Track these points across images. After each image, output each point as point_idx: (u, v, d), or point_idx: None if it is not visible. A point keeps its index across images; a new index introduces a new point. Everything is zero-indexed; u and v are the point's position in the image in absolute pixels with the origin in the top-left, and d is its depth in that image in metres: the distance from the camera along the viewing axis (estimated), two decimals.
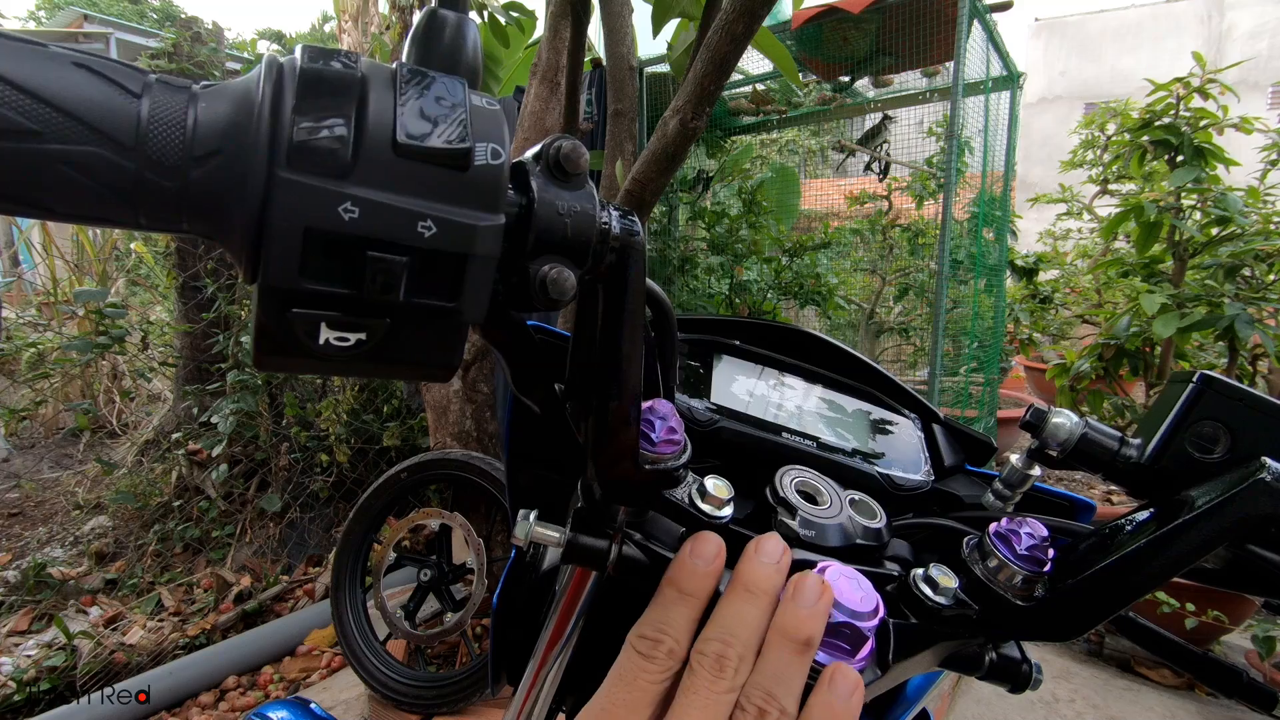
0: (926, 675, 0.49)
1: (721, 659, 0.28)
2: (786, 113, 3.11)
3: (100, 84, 0.20)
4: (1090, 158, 4.31)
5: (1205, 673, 0.44)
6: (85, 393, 3.64)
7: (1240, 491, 0.32)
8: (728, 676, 0.28)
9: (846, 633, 0.31)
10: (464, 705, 1.66)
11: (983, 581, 0.35)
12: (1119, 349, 2.66)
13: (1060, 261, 4.57)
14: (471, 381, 2.03)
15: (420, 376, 0.27)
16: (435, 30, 0.26)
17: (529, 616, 0.50)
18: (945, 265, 2.45)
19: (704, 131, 1.23)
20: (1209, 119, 2.57)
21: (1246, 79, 9.78)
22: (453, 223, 0.23)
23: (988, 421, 3.13)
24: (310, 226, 0.21)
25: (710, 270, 3.23)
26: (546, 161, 0.26)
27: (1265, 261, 2.45)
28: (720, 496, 0.35)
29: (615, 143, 1.75)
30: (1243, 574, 0.36)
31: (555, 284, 0.26)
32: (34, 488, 3.40)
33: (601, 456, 0.33)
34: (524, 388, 0.35)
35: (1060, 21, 12.88)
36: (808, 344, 0.54)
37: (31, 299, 4.84)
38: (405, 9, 2.57)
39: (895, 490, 0.47)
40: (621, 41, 1.74)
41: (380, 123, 0.22)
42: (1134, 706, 2.10)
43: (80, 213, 0.20)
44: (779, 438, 0.46)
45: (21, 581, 2.43)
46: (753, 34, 1.09)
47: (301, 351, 0.23)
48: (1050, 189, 4.39)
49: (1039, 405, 0.42)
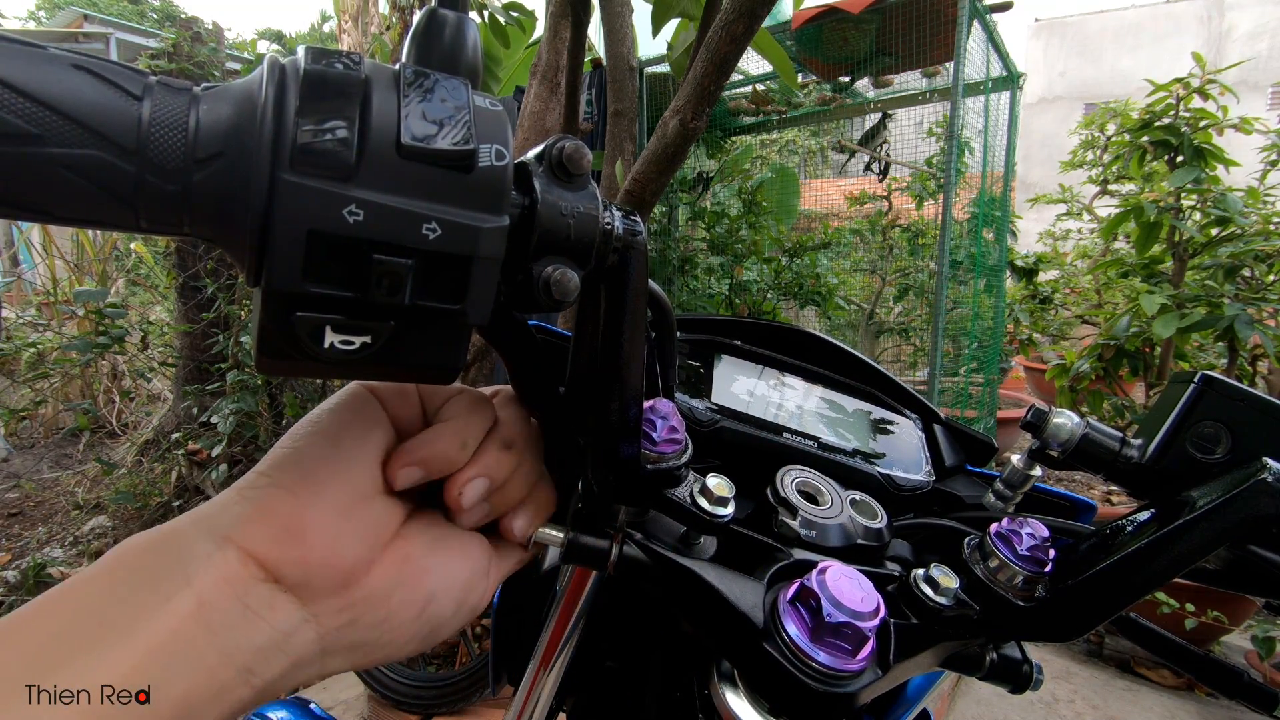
0: (927, 675, 0.49)
1: None
2: (786, 113, 3.11)
3: (100, 86, 0.20)
4: (1090, 158, 4.31)
5: (1205, 673, 0.44)
6: (85, 393, 3.64)
7: (1241, 492, 0.32)
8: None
9: (847, 633, 0.31)
10: (464, 705, 1.66)
11: (983, 582, 0.35)
12: (1119, 349, 2.66)
13: (1060, 262, 4.56)
14: (472, 381, 2.03)
15: (423, 378, 0.27)
16: (435, 30, 0.26)
17: (529, 616, 0.50)
18: (945, 265, 2.45)
19: (704, 131, 1.23)
20: (1209, 119, 2.57)
21: (1246, 79, 9.77)
22: (457, 224, 0.22)
23: (988, 422, 3.13)
24: (314, 229, 0.21)
25: (710, 270, 3.23)
26: (549, 162, 0.26)
27: (1265, 262, 2.45)
28: (722, 495, 0.35)
29: (615, 143, 1.75)
30: (1243, 574, 0.36)
31: (559, 285, 0.26)
32: (34, 488, 3.40)
33: (602, 456, 0.33)
34: (525, 388, 0.35)
35: (1060, 22, 12.88)
36: (808, 344, 0.54)
37: (31, 299, 4.84)
38: (405, 9, 2.57)
39: (896, 490, 0.47)
40: (621, 41, 1.74)
41: (384, 124, 0.22)
42: (1134, 707, 2.10)
43: (81, 216, 0.20)
44: (780, 438, 0.46)
45: (21, 581, 2.43)
46: (753, 34, 1.09)
47: (305, 355, 0.23)
48: (1050, 189, 4.39)
49: (1040, 406, 0.42)
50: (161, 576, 0.24)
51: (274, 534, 0.26)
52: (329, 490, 0.28)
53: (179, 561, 0.25)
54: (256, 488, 0.28)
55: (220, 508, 0.27)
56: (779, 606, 0.32)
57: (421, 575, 0.30)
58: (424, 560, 0.31)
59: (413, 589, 0.30)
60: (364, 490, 0.29)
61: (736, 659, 0.34)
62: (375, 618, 0.29)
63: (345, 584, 0.28)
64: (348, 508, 0.28)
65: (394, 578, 0.29)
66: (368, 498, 0.29)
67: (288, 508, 0.27)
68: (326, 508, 0.28)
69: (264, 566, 0.26)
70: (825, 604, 0.31)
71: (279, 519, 0.27)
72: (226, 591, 0.25)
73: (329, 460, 0.29)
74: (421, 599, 0.30)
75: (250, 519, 0.27)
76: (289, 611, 0.26)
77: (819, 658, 0.31)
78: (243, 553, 0.26)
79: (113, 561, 0.25)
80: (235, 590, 0.25)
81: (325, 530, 0.27)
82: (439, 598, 0.31)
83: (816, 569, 0.33)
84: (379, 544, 0.29)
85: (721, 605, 0.33)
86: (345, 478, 0.29)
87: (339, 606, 0.28)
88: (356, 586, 0.28)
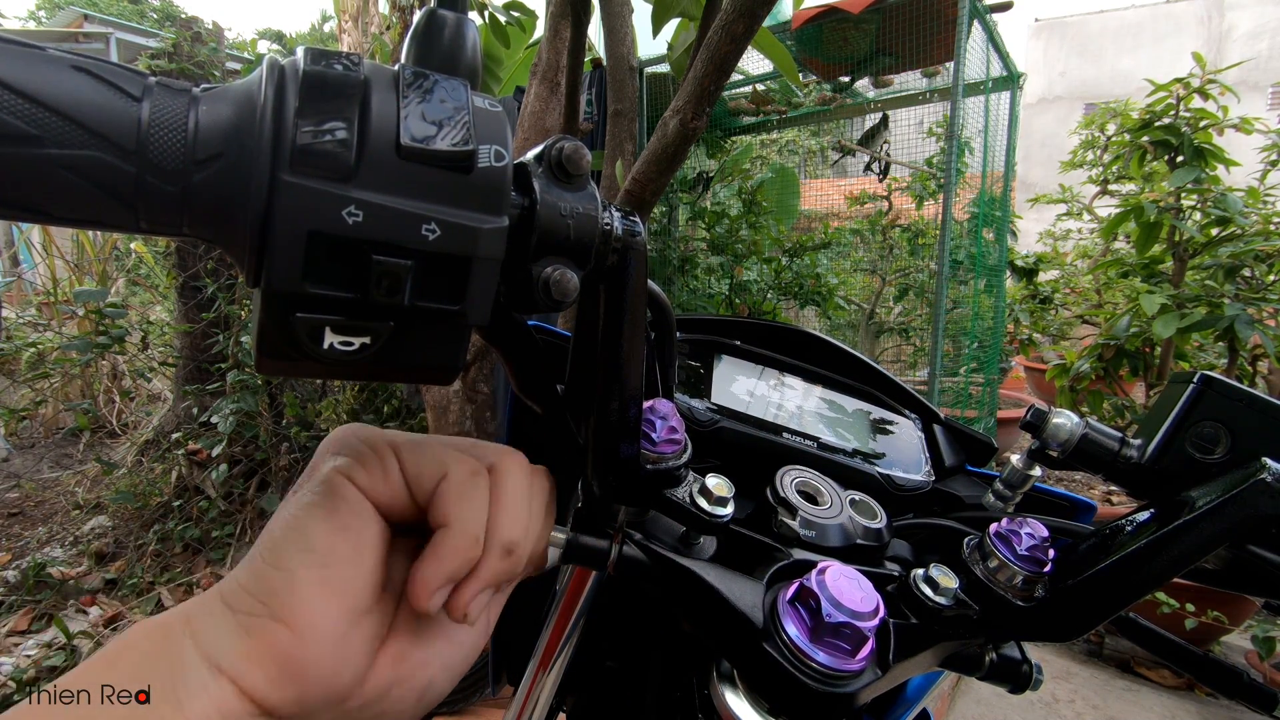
0: (926, 675, 0.49)
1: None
2: (786, 113, 3.11)
3: (100, 88, 0.20)
4: (1090, 158, 4.31)
5: (1205, 673, 0.44)
6: (85, 393, 3.64)
7: (1241, 492, 0.32)
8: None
9: (847, 633, 0.31)
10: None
11: (983, 582, 0.35)
12: (1119, 349, 2.66)
13: (1060, 262, 4.56)
14: (471, 382, 2.03)
15: (423, 379, 0.27)
16: (434, 31, 0.26)
17: (529, 616, 0.50)
18: (945, 265, 2.45)
19: (704, 131, 1.23)
20: (1209, 119, 2.57)
21: (1246, 79, 9.77)
22: (457, 225, 0.22)
23: (988, 422, 3.13)
24: (314, 230, 0.21)
25: (710, 270, 3.23)
26: (549, 163, 0.26)
27: (1265, 262, 2.45)
28: (721, 495, 0.35)
29: (615, 143, 1.75)
30: (1243, 574, 0.36)
31: (558, 285, 0.26)
32: (34, 487, 3.40)
33: (602, 456, 0.33)
34: (525, 388, 0.35)
35: (1060, 22, 12.88)
36: (808, 344, 0.54)
37: (31, 299, 4.84)
38: (406, 9, 2.57)
39: (896, 490, 0.47)
40: (621, 41, 1.74)
41: (384, 125, 0.22)
42: (1134, 707, 2.10)
43: (80, 217, 0.20)
44: (779, 438, 0.46)
45: (21, 581, 2.43)
46: (753, 34, 1.09)
47: (305, 355, 0.23)
48: (1050, 189, 4.39)
49: (1039, 406, 0.42)
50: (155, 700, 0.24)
51: (271, 676, 0.25)
52: (328, 621, 0.27)
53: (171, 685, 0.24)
54: (253, 616, 0.26)
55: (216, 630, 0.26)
56: (778, 606, 0.32)
57: (418, 669, 0.30)
58: (419, 653, 0.30)
59: (410, 683, 0.29)
60: (361, 607, 0.28)
61: (736, 659, 0.34)
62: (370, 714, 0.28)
63: (342, 700, 0.27)
64: (346, 633, 0.27)
65: (390, 678, 0.29)
66: (364, 613, 0.28)
67: (286, 646, 0.26)
68: (325, 640, 0.26)
69: (261, 705, 0.25)
70: (825, 604, 0.31)
71: (275, 660, 0.26)
72: None
73: (324, 585, 0.27)
74: (420, 689, 0.30)
75: (247, 656, 0.25)
76: None
77: (818, 658, 0.31)
78: (238, 690, 0.25)
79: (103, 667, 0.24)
80: None
81: (323, 665, 0.26)
82: (436, 682, 0.30)
83: (816, 569, 0.33)
84: (374, 650, 0.29)
85: (721, 605, 0.33)
86: (343, 599, 0.27)
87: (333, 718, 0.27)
88: (354, 697, 0.28)
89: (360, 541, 0.29)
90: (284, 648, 0.26)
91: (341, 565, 0.28)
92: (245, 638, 0.26)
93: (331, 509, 0.29)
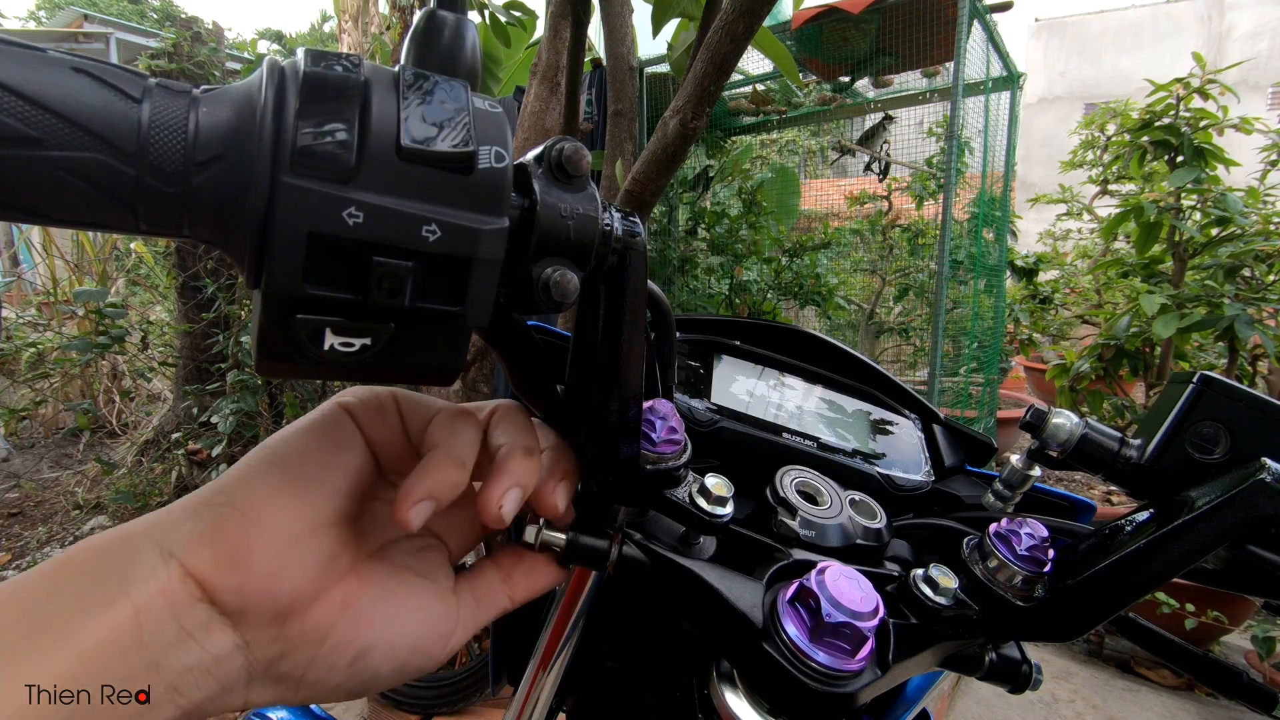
0: (926, 675, 0.49)
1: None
2: (786, 113, 3.11)
3: (100, 89, 0.19)
4: (1090, 158, 4.31)
5: (1205, 673, 0.44)
6: (85, 393, 3.65)
7: (1240, 492, 0.32)
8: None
9: (846, 633, 0.31)
10: (464, 705, 1.66)
11: (983, 582, 0.35)
12: (1119, 349, 2.66)
13: (1060, 262, 4.56)
14: (471, 382, 2.03)
15: (424, 380, 0.27)
16: (434, 31, 0.26)
17: (529, 616, 0.50)
18: (945, 265, 2.45)
19: (704, 131, 1.23)
20: (1209, 119, 2.57)
21: (1246, 79, 9.77)
22: (457, 226, 0.23)
23: (987, 422, 3.13)
24: (314, 232, 0.21)
25: (710, 270, 3.23)
26: (548, 163, 0.26)
27: (1265, 262, 2.45)
28: (721, 495, 0.35)
29: (615, 143, 1.74)
30: (1243, 574, 0.36)
31: (558, 286, 0.26)
32: (34, 488, 3.40)
33: (601, 457, 0.33)
34: (525, 389, 0.35)
35: (1060, 22, 12.88)
36: (808, 344, 0.54)
37: (31, 299, 4.84)
38: (406, 9, 2.57)
39: (895, 491, 0.47)
40: (621, 41, 1.74)
41: (384, 127, 0.22)
42: (1134, 707, 2.10)
43: (80, 219, 0.20)
44: (779, 438, 0.46)
45: None
46: (753, 34, 1.09)
47: (305, 357, 0.23)
48: (1050, 189, 4.39)
49: (1039, 406, 0.42)
50: (105, 582, 0.24)
51: (218, 557, 0.25)
52: (282, 517, 0.27)
53: (122, 570, 0.24)
54: (211, 505, 0.27)
55: (173, 521, 0.27)
56: (778, 606, 0.32)
57: (360, 625, 0.29)
58: (369, 609, 0.29)
59: (348, 637, 0.28)
60: (321, 518, 0.28)
61: (736, 659, 0.34)
62: (304, 656, 0.28)
63: (282, 616, 0.27)
64: (298, 536, 0.27)
65: (331, 620, 0.28)
66: (323, 527, 0.28)
67: (237, 531, 0.26)
68: (276, 535, 0.27)
69: (204, 588, 0.25)
70: (824, 604, 0.31)
71: (226, 543, 0.26)
72: (163, 607, 0.24)
73: (289, 484, 0.28)
74: (354, 651, 0.29)
75: (197, 538, 0.26)
76: (222, 636, 0.26)
77: (818, 658, 0.31)
78: (184, 571, 0.25)
79: (63, 561, 0.25)
80: (172, 607, 0.24)
81: (269, 559, 0.26)
82: (374, 653, 0.29)
83: (816, 569, 0.33)
84: (326, 579, 0.28)
85: (721, 605, 0.33)
86: (302, 503, 0.28)
87: (271, 638, 0.27)
88: (293, 621, 0.27)
89: (336, 460, 0.30)
90: (234, 531, 0.26)
91: (310, 472, 0.29)
92: (198, 522, 0.26)
93: (318, 428, 0.30)
